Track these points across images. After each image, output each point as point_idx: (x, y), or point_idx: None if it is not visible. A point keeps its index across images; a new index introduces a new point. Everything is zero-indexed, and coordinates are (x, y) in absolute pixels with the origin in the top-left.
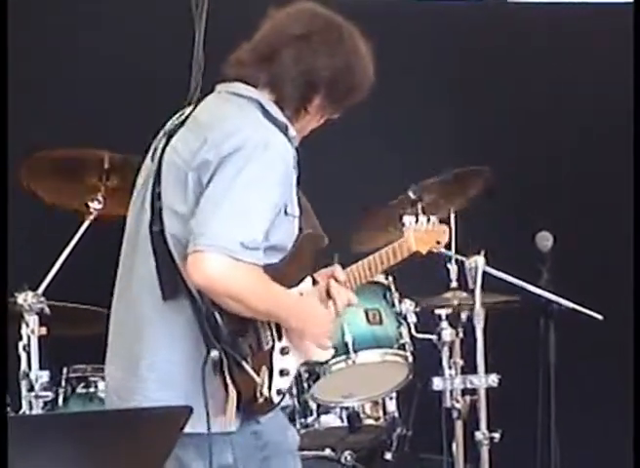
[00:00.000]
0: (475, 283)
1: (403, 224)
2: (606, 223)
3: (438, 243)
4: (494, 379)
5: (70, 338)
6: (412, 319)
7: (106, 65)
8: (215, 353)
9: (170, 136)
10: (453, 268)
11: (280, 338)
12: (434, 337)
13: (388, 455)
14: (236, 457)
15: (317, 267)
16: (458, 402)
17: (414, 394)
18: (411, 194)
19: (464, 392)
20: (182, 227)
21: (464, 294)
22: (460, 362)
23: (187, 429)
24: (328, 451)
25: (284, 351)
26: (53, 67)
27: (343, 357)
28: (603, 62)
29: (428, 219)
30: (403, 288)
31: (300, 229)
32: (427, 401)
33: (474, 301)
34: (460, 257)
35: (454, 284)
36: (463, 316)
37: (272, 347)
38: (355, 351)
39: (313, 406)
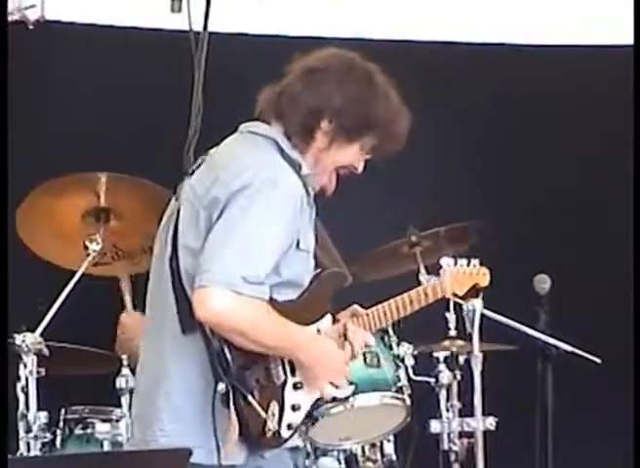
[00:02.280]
0: (473, 326)
1: (440, 266)
2: (605, 266)
3: (476, 286)
4: (491, 422)
5: (68, 379)
6: (410, 362)
7: (105, 114)
8: (222, 386)
9: (190, 174)
10: (451, 317)
11: (293, 374)
12: (432, 380)
13: None
14: None
15: (340, 306)
16: (455, 444)
17: (411, 436)
18: (413, 238)
19: (462, 435)
20: (195, 263)
21: (462, 343)
22: (458, 404)
23: (195, 459)
24: None
25: (296, 386)
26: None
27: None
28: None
29: (468, 263)
30: (401, 333)
31: (320, 265)
32: (425, 443)
33: (472, 346)
34: (457, 300)
35: (452, 332)
36: (461, 359)
37: (285, 382)
38: (353, 394)
39: (311, 448)
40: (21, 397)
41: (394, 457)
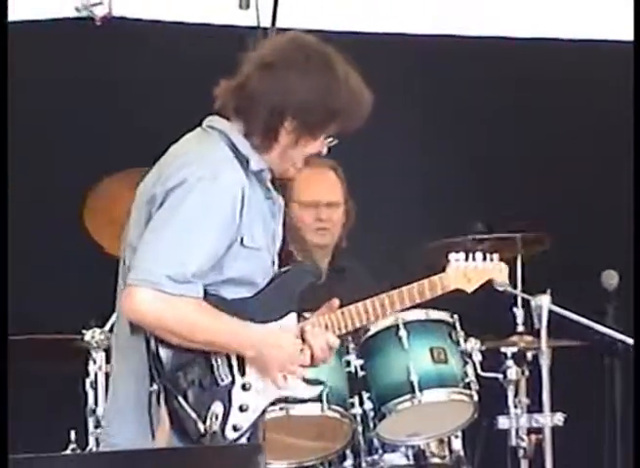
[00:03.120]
0: (541, 322)
1: (448, 261)
2: None
3: (490, 281)
4: (559, 418)
5: None
6: (477, 357)
7: (173, 111)
8: (154, 387)
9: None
10: (519, 312)
11: (243, 374)
12: (500, 376)
13: None
14: None
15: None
16: (523, 440)
17: (479, 432)
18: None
19: (530, 431)
20: None
21: (530, 338)
22: (526, 400)
23: None
24: None
25: (245, 387)
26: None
27: (409, 396)
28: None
29: (484, 258)
30: (468, 327)
31: (293, 261)
32: (493, 439)
33: (540, 342)
34: (525, 297)
35: (520, 328)
36: (529, 354)
37: (232, 382)
38: (421, 390)
39: (378, 444)
40: (90, 392)
41: (462, 453)
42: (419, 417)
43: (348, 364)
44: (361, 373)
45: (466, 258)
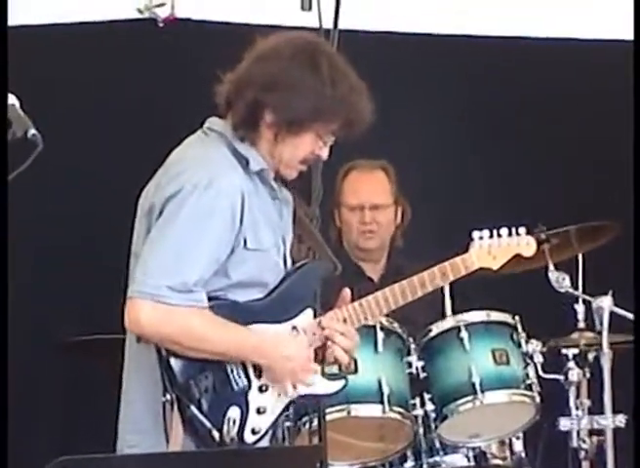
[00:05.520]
0: (602, 324)
1: (472, 239)
2: None
3: (518, 256)
4: (621, 420)
5: None
6: (538, 359)
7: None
8: (168, 397)
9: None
10: (580, 309)
11: (259, 377)
12: (561, 377)
13: None
14: None
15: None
16: (584, 442)
17: (540, 434)
18: (542, 235)
19: (592, 432)
20: None
21: (591, 335)
22: (587, 402)
23: None
24: None
25: (262, 389)
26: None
27: (471, 397)
28: None
29: (510, 232)
30: (529, 327)
31: (309, 257)
32: (554, 441)
33: (601, 342)
34: (587, 298)
35: (581, 324)
36: (590, 356)
37: (248, 386)
38: (482, 391)
39: (440, 445)
40: None
41: (523, 455)
42: (480, 419)
43: (410, 365)
44: (422, 375)
45: (491, 235)
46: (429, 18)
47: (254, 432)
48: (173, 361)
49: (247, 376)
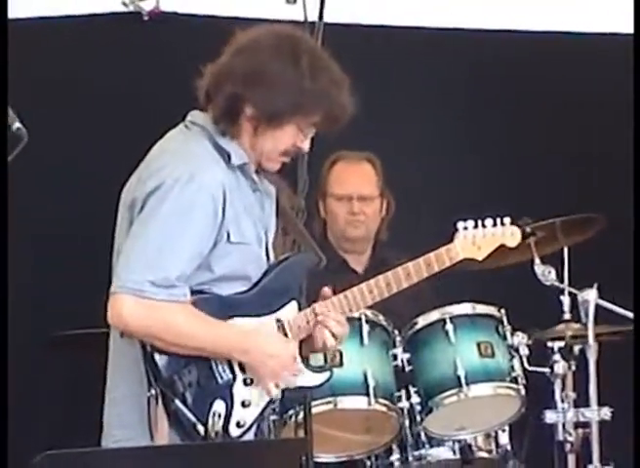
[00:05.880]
0: (587, 316)
1: (457, 229)
2: None
3: (502, 246)
4: (606, 412)
5: None
6: (524, 352)
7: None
8: (152, 392)
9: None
10: (566, 300)
11: (244, 370)
12: (547, 370)
13: None
14: None
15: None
16: (570, 435)
17: (526, 427)
18: (527, 229)
19: (577, 425)
20: None
21: (577, 326)
22: (573, 395)
23: None
24: None
25: (247, 382)
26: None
27: (456, 390)
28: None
29: (495, 223)
30: (515, 319)
31: (294, 249)
32: (540, 434)
33: (587, 333)
34: (572, 290)
35: (567, 316)
36: (576, 349)
37: (233, 379)
38: (468, 384)
39: (425, 438)
40: None
41: (509, 448)
42: (465, 412)
43: (395, 357)
44: (408, 367)
45: (475, 225)
46: (418, 10)
47: (239, 425)
48: (157, 355)
49: (231, 370)
